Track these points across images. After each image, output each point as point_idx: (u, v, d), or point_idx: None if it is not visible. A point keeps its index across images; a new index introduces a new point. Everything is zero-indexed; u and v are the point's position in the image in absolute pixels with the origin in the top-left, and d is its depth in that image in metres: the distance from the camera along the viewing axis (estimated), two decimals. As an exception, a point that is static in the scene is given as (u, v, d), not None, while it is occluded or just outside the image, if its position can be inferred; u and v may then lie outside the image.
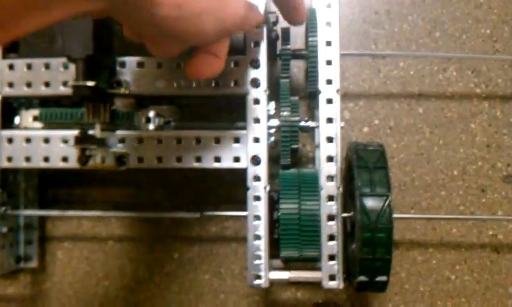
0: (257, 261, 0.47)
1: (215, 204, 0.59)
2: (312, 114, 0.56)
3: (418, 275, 0.58)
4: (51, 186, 0.61)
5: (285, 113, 0.49)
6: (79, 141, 0.46)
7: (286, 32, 0.51)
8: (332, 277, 0.47)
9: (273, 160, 0.51)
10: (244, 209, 0.47)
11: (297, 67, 0.60)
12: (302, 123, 0.50)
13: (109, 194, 0.61)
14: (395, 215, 0.46)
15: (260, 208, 0.47)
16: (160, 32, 0.32)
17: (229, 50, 0.39)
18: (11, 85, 0.49)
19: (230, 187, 0.59)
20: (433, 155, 0.58)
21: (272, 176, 0.50)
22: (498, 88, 0.59)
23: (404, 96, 0.59)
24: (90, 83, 0.44)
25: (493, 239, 0.58)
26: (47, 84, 0.49)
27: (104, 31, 0.45)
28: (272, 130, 0.49)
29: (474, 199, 0.58)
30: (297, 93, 0.52)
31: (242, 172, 0.48)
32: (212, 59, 0.38)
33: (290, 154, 0.50)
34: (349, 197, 0.51)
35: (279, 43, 0.52)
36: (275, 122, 0.49)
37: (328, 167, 0.47)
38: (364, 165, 0.47)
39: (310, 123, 0.50)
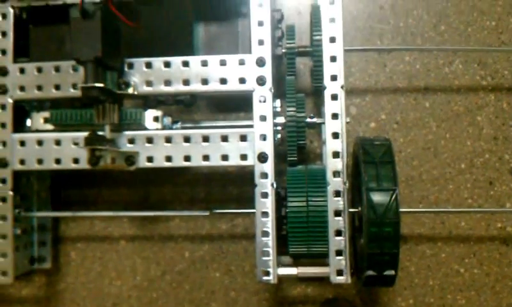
0: (265, 258, 0.47)
1: (225, 202, 0.60)
2: (318, 111, 0.56)
3: (427, 269, 0.58)
4: (64, 188, 0.61)
5: (291, 110, 0.49)
6: (89, 141, 0.46)
7: (291, 30, 0.52)
8: (340, 272, 0.47)
9: (280, 157, 0.52)
10: (253, 207, 0.48)
11: (303, 64, 0.60)
12: (308, 120, 0.50)
13: (120, 195, 0.62)
14: (402, 210, 0.46)
15: (268, 204, 0.47)
16: None
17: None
18: (22, 88, 0.50)
19: (240, 186, 0.60)
20: (440, 149, 0.58)
21: (279, 174, 0.50)
22: (504, 80, 0.58)
23: (410, 91, 0.59)
24: (99, 84, 0.44)
25: (502, 231, 0.58)
26: (57, 87, 0.50)
27: (111, 33, 0.46)
28: (279, 128, 0.50)
29: (482, 192, 0.58)
30: (303, 91, 0.52)
31: (251, 171, 0.48)
32: None
33: (297, 151, 0.50)
34: (357, 192, 0.51)
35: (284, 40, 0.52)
36: (281, 119, 0.49)
37: (334, 162, 0.47)
38: (370, 160, 0.47)
39: (316, 120, 0.50)
